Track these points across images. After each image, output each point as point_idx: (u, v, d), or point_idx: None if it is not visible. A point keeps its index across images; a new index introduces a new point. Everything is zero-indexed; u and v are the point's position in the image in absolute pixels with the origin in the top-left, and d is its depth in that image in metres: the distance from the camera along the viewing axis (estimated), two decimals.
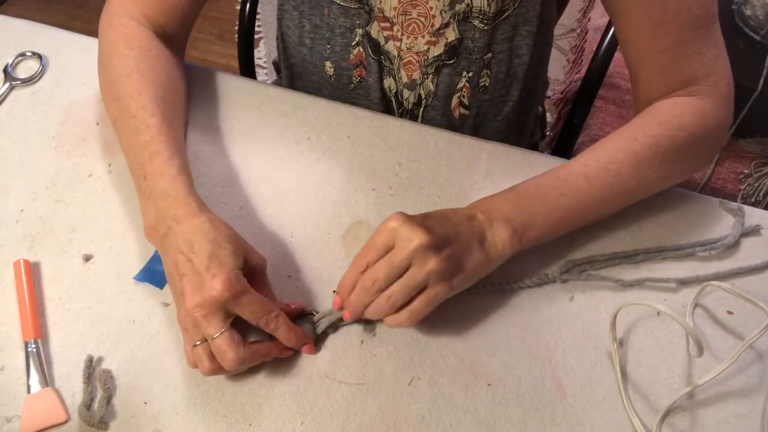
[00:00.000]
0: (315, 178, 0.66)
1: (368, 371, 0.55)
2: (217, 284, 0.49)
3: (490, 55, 0.71)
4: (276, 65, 0.94)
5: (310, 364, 0.55)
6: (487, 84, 0.74)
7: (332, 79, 0.77)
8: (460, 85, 0.74)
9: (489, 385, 0.55)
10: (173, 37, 0.69)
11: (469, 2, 0.66)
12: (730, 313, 0.60)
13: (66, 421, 0.51)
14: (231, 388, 0.53)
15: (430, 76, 0.73)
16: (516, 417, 0.53)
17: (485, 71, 0.73)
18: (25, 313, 0.55)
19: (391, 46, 0.72)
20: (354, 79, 0.76)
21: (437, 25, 0.69)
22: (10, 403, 0.52)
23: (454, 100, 0.76)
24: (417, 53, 0.71)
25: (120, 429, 0.51)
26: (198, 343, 0.50)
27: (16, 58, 0.73)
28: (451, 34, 0.69)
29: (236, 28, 0.93)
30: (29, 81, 0.71)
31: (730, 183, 1.09)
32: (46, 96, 0.71)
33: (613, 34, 0.84)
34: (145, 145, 0.57)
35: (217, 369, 0.50)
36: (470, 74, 0.73)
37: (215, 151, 0.67)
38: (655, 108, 0.62)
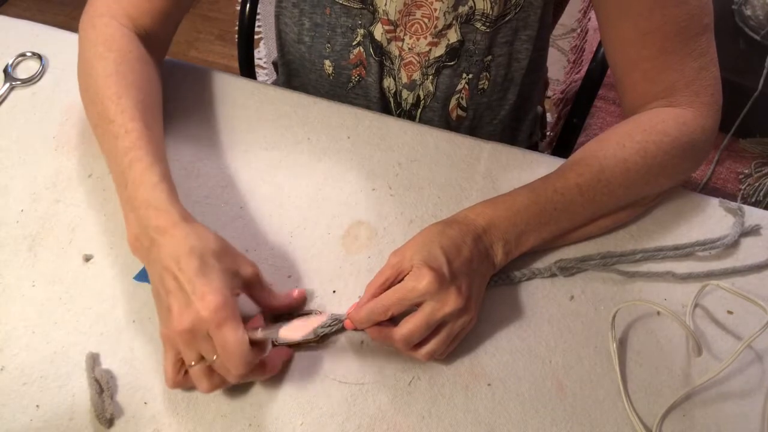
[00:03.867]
0: (315, 178, 0.66)
1: (368, 371, 0.55)
2: (204, 309, 0.46)
3: (490, 57, 0.71)
4: (276, 65, 0.94)
5: (310, 364, 0.55)
6: (485, 87, 0.74)
7: (331, 77, 0.77)
8: (459, 86, 0.74)
9: (489, 385, 0.55)
10: (155, 39, 0.66)
11: (472, 4, 0.66)
12: (730, 312, 0.60)
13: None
14: (231, 389, 0.53)
15: (431, 77, 0.73)
16: (516, 417, 0.53)
17: (484, 74, 0.73)
18: None
19: (393, 47, 0.72)
20: (353, 78, 0.76)
21: (440, 27, 0.69)
22: (9, 403, 0.52)
23: (453, 102, 0.76)
24: (418, 54, 0.71)
25: (120, 429, 0.51)
26: (194, 363, 0.48)
27: (16, 58, 0.73)
28: (453, 36, 0.69)
29: (236, 28, 0.93)
30: (29, 81, 0.71)
31: (730, 183, 1.09)
32: (46, 96, 0.71)
33: None
34: (125, 152, 0.55)
35: (218, 385, 0.49)
36: (470, 76, 0.73)
37: (215, 151, 0.67)
38: (638, 116, 0.63)
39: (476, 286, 0.54)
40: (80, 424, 0.51)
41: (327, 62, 0.75)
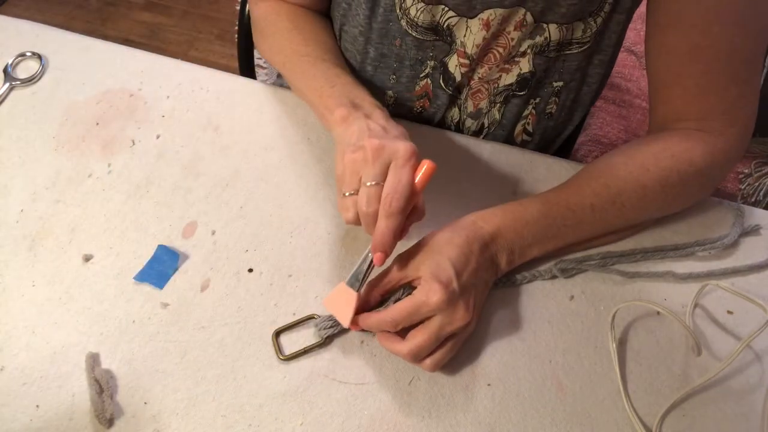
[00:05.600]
0: (315, 178, 0.66)
1: (368, 371, 0.55)
2: (402, 145, 0.50)
3: (561, 83, 0.69)
4: None
5: (310, 364, 0.55)
6: (553, 111, 0.72)
7: (390, 108, 0.75)
8: (526, 112, 0.72)
9: (489, 385, 0.55)
10: (312, 11, 0.73)
11: (548, 35, 0.64)
12: (729, 312, 0.60)
13: (347, 327, 0.54)
14: (231, 388, 0.53)
15: (498, 105, 0.71)
16: (516, 417, 0.53)
17: (553, 99, 0.71)
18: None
19: (464, 79, 0.70)
20: (415, 109, 0.74)
21: (513, 53, 0.66)
22: (9, 403, 0.52)
23: (518, 128, 0.74)
24: (488, 82, 0.69)
25: (120, 429, 0.51)
26: (348, 194, 0.51)
27: (16, 58, 0.73)
28: (526, 66, 0.67)
29: (236, 28, 0.93)
30: (29, 81, 0.71)
31: (730, 183, 1.09)
32: (46, 96, 0.71)
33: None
34: (327, 68, 0.63)
35: (357, 219, 0.51)
36: (537, 101, 0.71)
37: (215, 151, 0.67)
38: (668, 138, 0.61)
39: (480, 294, 0.55)
40: (80, 424, 0.51)
41: (389, 93, 0.73)
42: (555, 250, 0.60)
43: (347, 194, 0.51)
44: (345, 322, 0.53)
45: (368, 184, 0.49)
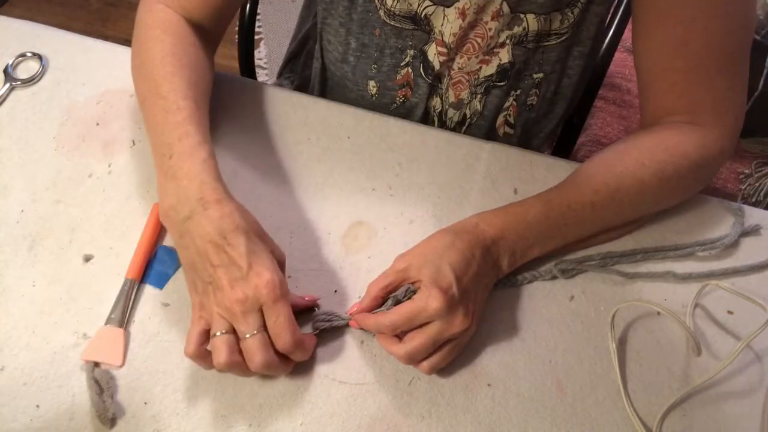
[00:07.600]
0: (315, 178, 0.66)
1: (368, 371, 0.55)
2: (262, 286, 0.48)
3: (541, 75, 0.70)
4: (289, 72, 0.92)
5: (310, 364, 0.55)
6: (534, 102, 0.73)
7: (374, 98, 0.75)
8: (507, 104, 0.73)
9: (489, 385, 0.55)
10: (207, 33, 0.67)
11: (526, 26, 0.64)
12: (730, 312, 0.60)
13: (120, 366, 0.53)
14: (231, 389, 0.53)
15: (479, 96, 0.72)
16: (516, 417, 0.53)
17: (534, 90, 0.71)
18: (139, 252, 0.58)
19: (443, 68, 0.70)
20: (398, 99, 0.74)
21: (492, 45, 0.67)
22: (9, 403, 0.52)
23: (500, 119, 0.74)
24: (468, 73, 0.70)
25: (120, 429, 0.51)
26: (220, 333, 0.49)
27: (17, 58, 0.73)
28: (505, 56, 0.67)
29: (236, 28, 0.93)
30: (29, 81, 0.71)
31: (730, 183, 1.09)
32: (46, 96, 0.71)
33: (614, 34, 0.84)
34: (175, 126, 0.55)
35: (232, 366, 0.49)
36: (518, 92, 0.72)
37: (215, 151, 0.67)
38: (661, 132, 0.61)
39: (480, 297, 0.55)
40: (80, 424, 0.51)
41: (371, 83, 0.74)
42: (555, 249, 0.60)
43: (219, 333, 0.49)
44: (118, 361, 0.53)
45: (247, 336, 0.48)
